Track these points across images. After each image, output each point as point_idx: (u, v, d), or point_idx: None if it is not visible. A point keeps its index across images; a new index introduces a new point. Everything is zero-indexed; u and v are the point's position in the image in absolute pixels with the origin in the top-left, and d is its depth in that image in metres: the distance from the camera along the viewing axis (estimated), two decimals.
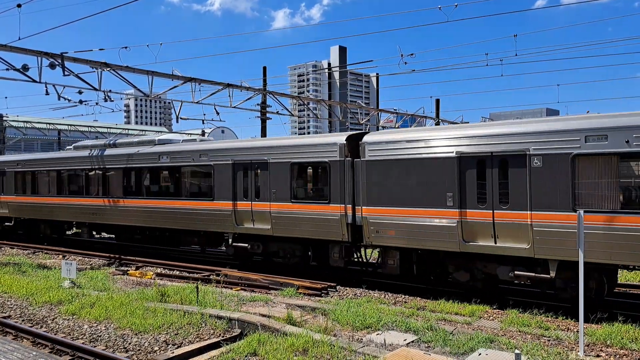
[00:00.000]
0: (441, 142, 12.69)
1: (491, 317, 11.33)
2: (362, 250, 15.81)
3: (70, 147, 24.22)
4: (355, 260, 15.80)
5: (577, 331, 9.40)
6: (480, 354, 8.56)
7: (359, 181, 14.06)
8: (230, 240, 17.57)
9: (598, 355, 8.75)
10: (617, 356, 8.75)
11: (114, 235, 23.55)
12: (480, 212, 12.11)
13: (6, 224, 27.10)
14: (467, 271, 12.82)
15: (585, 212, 9.51)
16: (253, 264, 17.79)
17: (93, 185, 21.66)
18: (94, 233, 24.12)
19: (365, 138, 14.14)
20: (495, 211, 11.87)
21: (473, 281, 12.81)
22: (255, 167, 16.32)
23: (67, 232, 26.75)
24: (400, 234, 13.30)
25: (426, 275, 14.09)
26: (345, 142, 14.44)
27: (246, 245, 16.87)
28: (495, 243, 11.89)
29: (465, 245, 12.32)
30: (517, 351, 7.13)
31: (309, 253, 16.08)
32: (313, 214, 14.92)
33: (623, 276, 15.28)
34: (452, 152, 12.44)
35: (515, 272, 11.87)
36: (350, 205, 14.28)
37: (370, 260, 16.21)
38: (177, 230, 19.04)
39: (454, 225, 12.37)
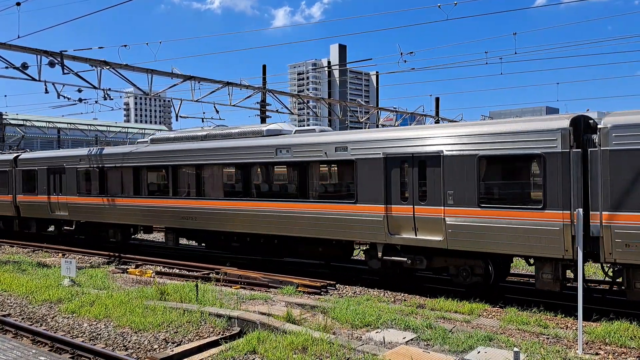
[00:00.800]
0: None
1: (490, 315, 11.34)
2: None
3: (146, 140, 21.28)
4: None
5: (576, 329, 9.42)
6: (479, 352, 8.57)
7: (597, 179, 10.64)
8: (379, 252, 14.06)
9: (597, 353, 8.77)
10: (616, 354, 8.76)
11: (196, 243, 20.95)
12: None
13: (65, 227, 24.40)
14: None
15: None
16: (405, 282, 14.54)
17: (183, 184, 18.73)
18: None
19: (608, 120, 10.55)
20: None
21: None
22: (419, 162, 13.07)
23: (159, 239, 24.45)
24: None
25: None
26: (570, 127, 10.94)
27: (404, 259, 13.58)
28: None
29: None
30: (516, 349, 7.15)
31: (490, 269, 12.81)
32: (516, 222, 11.54)
33: None
34: None
35: None
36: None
37: (588, 281, 12.98)
38: (294, 238, 15.95)
39: None
